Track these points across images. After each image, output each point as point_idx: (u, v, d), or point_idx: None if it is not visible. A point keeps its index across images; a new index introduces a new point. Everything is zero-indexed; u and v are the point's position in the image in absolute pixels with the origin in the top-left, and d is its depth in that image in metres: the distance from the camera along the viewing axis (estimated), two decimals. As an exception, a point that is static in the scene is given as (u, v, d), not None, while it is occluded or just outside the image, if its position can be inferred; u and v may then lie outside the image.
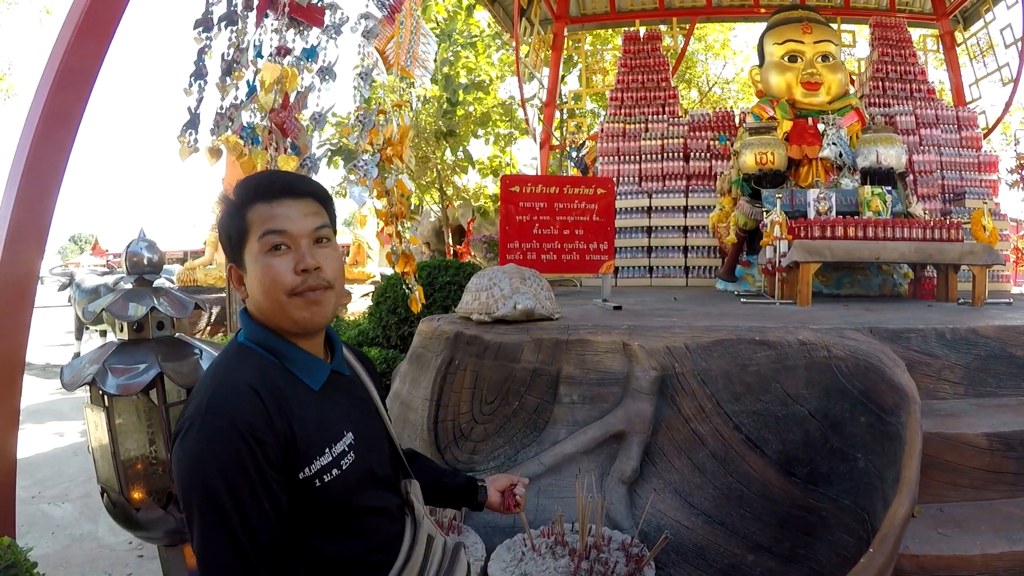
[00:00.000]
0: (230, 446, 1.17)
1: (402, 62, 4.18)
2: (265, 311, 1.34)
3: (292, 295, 1.31)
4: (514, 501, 1.77)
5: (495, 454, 3.61)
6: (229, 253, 1.37)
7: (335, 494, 1.29)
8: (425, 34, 4.41)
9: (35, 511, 4.83)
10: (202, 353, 2.27)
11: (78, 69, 3.13)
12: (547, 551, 2.98)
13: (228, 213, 1.35)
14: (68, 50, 3.08)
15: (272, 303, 1.31)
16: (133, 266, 2.33)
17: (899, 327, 3.86)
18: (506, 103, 18.31)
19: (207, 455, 1.17)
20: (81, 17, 3.09)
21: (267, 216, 1.32)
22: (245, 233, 1.32)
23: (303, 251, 1.32)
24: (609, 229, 5.67)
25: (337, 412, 1.36)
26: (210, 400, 1.21)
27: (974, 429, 3.31)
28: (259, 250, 1.31)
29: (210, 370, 1.32)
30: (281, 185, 1.36)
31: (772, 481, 3.23)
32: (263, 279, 1.30)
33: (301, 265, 1.31)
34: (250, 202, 1.34)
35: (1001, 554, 2.83)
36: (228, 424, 1.18)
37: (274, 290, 1.30)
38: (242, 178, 1.42)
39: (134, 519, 2.15)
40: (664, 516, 3.21)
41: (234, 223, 1.34)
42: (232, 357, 1.32)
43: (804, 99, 7.81)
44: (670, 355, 3.48)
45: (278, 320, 1.33)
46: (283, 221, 1.32)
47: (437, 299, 6.08)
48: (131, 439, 2.19)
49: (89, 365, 2.13)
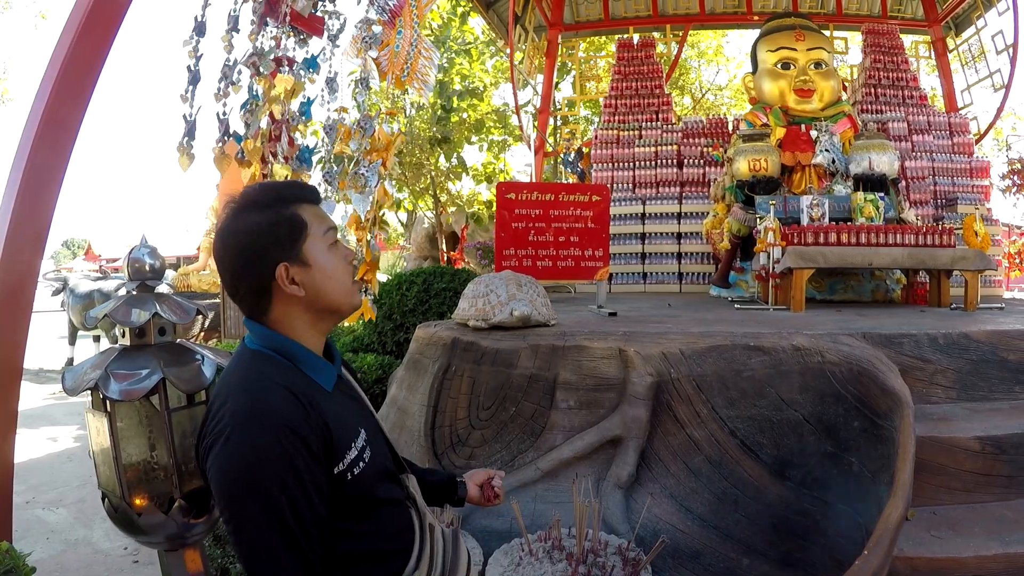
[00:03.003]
0: (277, 446, 1.19)
1: (397, 72, 4.18)
2: (332, 299, 1.41)
3: (354, 282, 1.46)
4: (493, 493, 1.80)
5: (492, 460, 3.62)
6: (276, 253, 1.34)
7: (362, 487, 1.34)
8: (427, 48, 4.40)
9: (30, 516, 4.81)
10: (204, 359, 2.26)
11: (78, 73, 3.14)
12: (544, 556, 2.99)
13: (275, 211, 1.36)
14: (68, 54, 3.09)
15: (343, 289, 1.42)
16: (135, 272, 2.32)
17: (892, 332, 3.89)
18: (500, 110, 18.36)
19: (255, 459, 1.18)
20: (82, 21, 3.10)
21: (321, 216, 1.42)
22: (304, 228, 1.37)
23: (343, 245, 1.45)
24: (604, 236, 5.70)
25: (348, 410, 1.42)
26: (247, 405, 1.23)
27: (966, 433, 3.33)
28: (325, 243, 1.40)
29: (232, 376, 1.33)
30: (312, 191, 1.47)
31: (767, 485, 3.25)
32: (337, 269, 1.41)
33: (352, 256, 1.46)
34: (300, 201, 1.40)
35: (995, 556, 2.85)
36: (272, 425, 1.20)
37: (346, 278, 1.43)
38: (266, 186, 1.45)
39: (135, 524, 2.14)
40: (660, 521, 3.23)
41: (286, 219, 1.36)
42: (252, 362, 1.35)
43: (797, 106, 7.88)
44: (666, 361, 3.50)
45: (339, 306, 1.43)
46: (332, 222, 1.45)
47: (432, 305, 6.08)
48: (132, 444, 2.18)
49: (91, 370, 2.11)
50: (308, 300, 1.37)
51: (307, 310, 1.39)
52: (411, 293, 6.16)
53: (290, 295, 1.35)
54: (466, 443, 3.73)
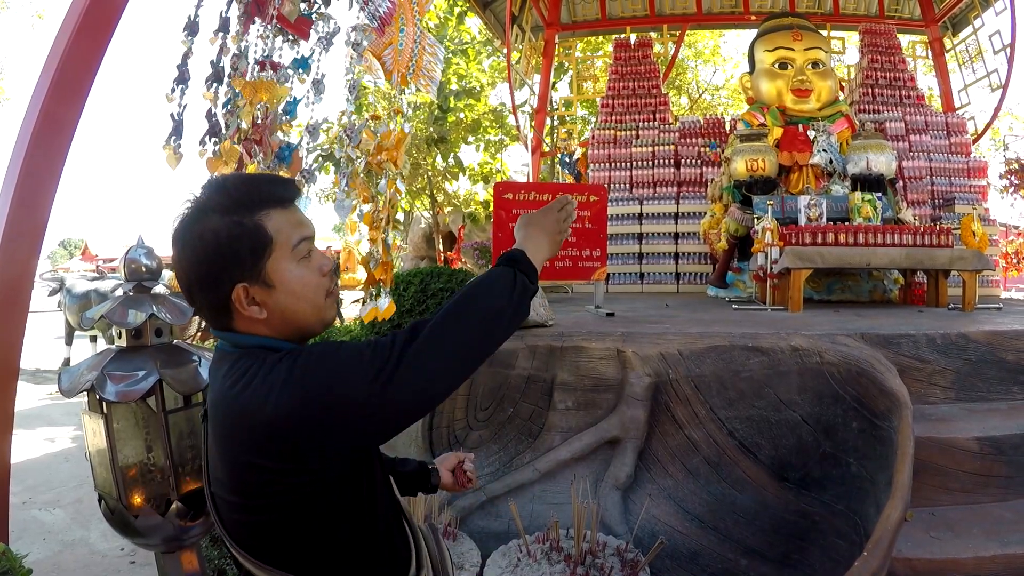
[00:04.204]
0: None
1: (403, 70, 4.15)
2: (300, 320, 1.26)
3: (327, 296, 1.28)
4: (465, 478, 1.75)
5: (490, 460, 3.61)
6: (235, 272, 1.18)
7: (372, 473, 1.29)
8: (432, 44, 4.37)
9: (26, 517, 4.78)
10: (200, 360, 2.24)
11: (75, 72, 3.12)
12: (543, 557, 2.98)
13: (237, 220, 1.19)
14: (65, 53, 3.07)
15: (314, 309, 1.26)
16: (132, 272, 2.30)
17: (890, 332, 3.89)
18: (496, 110, 18.33)
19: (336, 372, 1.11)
20: (78, 21, 3.08)
21: (293, 222, 1.24)
22: (268, 244, 1.20)
23: (319, 253, 1.29)
24: (602, 236, 5.68)
25: None
26: (299, 372, 1.12)
27: (965, 433, 3.34)
28: (295, 259, 1.23)
29: (237, 375, 1.18)
30: (285, 188, 1.29)
31: (765, 486, 3.25)
32: (306, 287, 1.24)
33: (328, 267, 1.28)
34: (267, 205, 1.22)
35: (993, 556, 2.85)
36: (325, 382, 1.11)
37: (317, 296, 1.26)
38: (230, 183, 1.27)
39: (132, 526, 2.12)
40: (658, 521, 3.22)
41: (248, 233, 1.19)
42: (254, 356, 1.21)
43: (794, 106, 7.87)
44: (664, 361, 3.50)
45: (310, 326, 1.28)
46: (308, 227, 1.27)
47: (430, 306, 6.05)
48: (129, 446, 2.17)
49: (88, 372, 2.10)
50: (270, 322, 1.23)
51: (271, 330, 1.24)
52: (408, 293, 6.13)
53: (250, 316, 1.21)
54: (464, 444, 3.72)
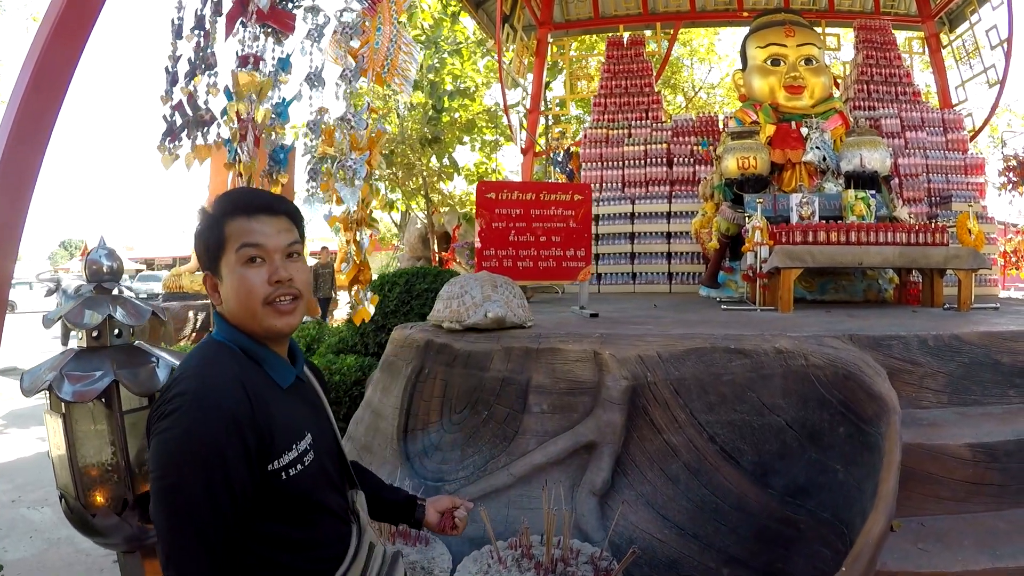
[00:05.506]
0: (214, 432, 1.24)
1: (378, 68, 4.06)
2: (238, 318, 1.42)
3: (265, 304, 1.41)
4: (451, 523, 1.77)
5: (464, 464, 3.50)
6: (205, 262, 1.45)
7: (298, 489, 1.36)
8: (407, 43, 4.29)
9: (15, 515, 4.86)
10: (159, 361, 2.29)
11: (53, 71, 3.17)
12: (513, 564, 2.87)
13: (207, 224, 1.44)
14: (43, 53, 3.11)
15: (246, 311, 1.41)
16: (92, 274, 2.37)
17: (881, 334, 3.77)
18: (491, 110, 18.30)
19: (189, 438, 1.24)
20: (55, 21, 3.12)
21: (245, 230, 1.41)
22: (223, 244, 1.41)
23: (276, 264, 1.42)
24: (587, 236, 5.57)
25: (299, 413, 1.45)
26: (198, 388, 1.29)
27: (957, 439, 3.21)
28: (236, 261, 1.40)
29: (192, 361, 1.40)
30: (260, 202, 1.47)
31: (748, 493, 3.12)
32: (239, 289, 1.40)
33: (275, 277, 1.41)
34: (230, 215, 1.42)
35: (983, 571, 2.71)
36: (215, 411, 1.26)
37: (249, 299, 1.40)
38: (234, 193, 1.54)
39: (91, 525, 2.19)
40: (636, 528, 3.10)
41: (212, 234, 1.42)
42: (214, 352, 1.41)
43: (787, 103, 7.75)
44: (642, 364, 3.37)
45: (250, 327, 1.42)
46: (260, 236, 1.42)
47: (414, 307, 5.96)
48: (88, 445, 2.21)
49: (48, 371, 2.16)
50: (227, 309, 1.44)
51: (230, 315, 1.44)
52: (393, 294, 6.05)
53: (217, 300, 1.46)
54: (439, 447, 3.61)
